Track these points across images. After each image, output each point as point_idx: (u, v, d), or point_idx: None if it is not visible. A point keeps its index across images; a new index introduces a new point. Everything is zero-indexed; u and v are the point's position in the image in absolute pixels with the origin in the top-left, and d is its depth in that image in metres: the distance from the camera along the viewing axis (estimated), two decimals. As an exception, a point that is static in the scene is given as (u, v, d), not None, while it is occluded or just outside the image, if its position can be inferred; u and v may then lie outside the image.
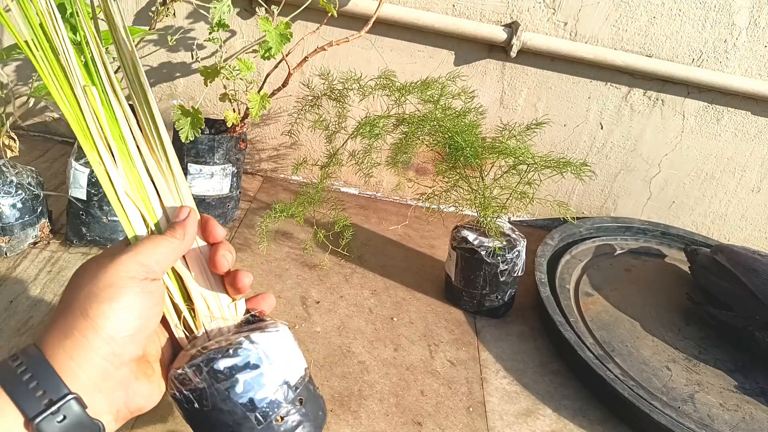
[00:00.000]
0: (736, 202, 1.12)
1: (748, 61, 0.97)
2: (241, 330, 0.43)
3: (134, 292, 0.37)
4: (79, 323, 0.35)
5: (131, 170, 0.42)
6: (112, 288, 0.36)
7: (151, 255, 0.38)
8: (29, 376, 0.33)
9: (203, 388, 0.37)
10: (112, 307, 0.35)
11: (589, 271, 0.97)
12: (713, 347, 0.85)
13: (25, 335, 0.65)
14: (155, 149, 0.43)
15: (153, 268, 0.38)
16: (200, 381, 0.38)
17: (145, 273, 0.38)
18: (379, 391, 0.68)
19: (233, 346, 0.39)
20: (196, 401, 0.38)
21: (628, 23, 0.95)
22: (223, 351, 0.38)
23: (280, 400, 0.39)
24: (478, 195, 0.79)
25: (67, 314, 0.36)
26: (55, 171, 0.99)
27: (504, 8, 0.95)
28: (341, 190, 1.14)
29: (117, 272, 0.36)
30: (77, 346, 0.34)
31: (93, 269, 0.37)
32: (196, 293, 0.43)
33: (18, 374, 0.33)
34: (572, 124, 1.06)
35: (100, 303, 0.35)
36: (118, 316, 0.36)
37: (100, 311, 0.35)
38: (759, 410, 0.75)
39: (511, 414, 0.69)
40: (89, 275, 0.37)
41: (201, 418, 0.38)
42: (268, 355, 0.39)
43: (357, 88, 0.85)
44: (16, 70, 1.04)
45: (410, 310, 0.83)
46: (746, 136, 1.05)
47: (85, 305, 0.35)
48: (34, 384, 0.33)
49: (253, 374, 0.38)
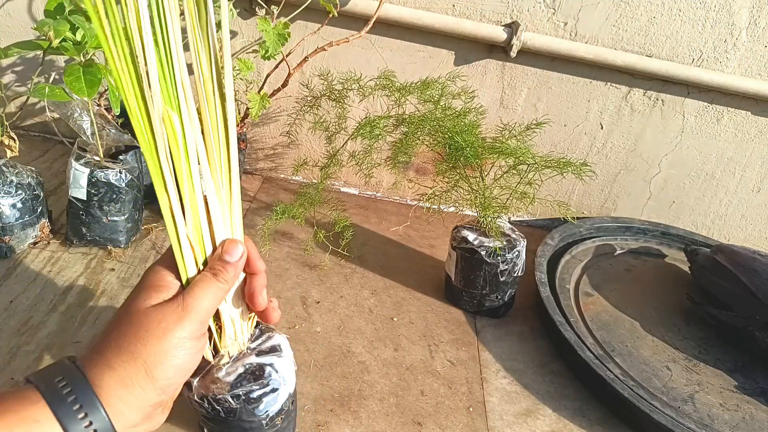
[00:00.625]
0: (737, 202, 1.12)
1: (748, 61, 0.97)
2: (257, 349, 0.48)
3: (191, 349, 0.40)
4: (140, 378, 0.38)
5: (195, 211, 0.42)
6: (176, 350, 0.39)
7: (205, 307, 0.41)
8: (83, 415, 0.35)
9: (236, 408, 0.45)
10: (173, 366, 0.39)
11: (589, 271, 0.97)
12: (713, 347, 0.85)
13: (25, 335, 0.65)
14: (222, 179, 0.43)
15: (206, 320, 0.41)
16: (236, 404, 0.45)
17: (201, 329, 0.41)
18: (379, 391, 0.68)
19: (265, 378, 0.47)
20: (224, 413, 0.45)
21: (628, 23, 0.95)
22: (258, 382, 0.46)
23: (285, 408, 0.49)
24: (479, 195, 0.79)
25: (128, 362, 0.38)
26: (55, 171, 0.99)
27: (504, 8, 0.95)
28: (341, 190, 1.14)
29: (182, 334, 0.39)
30: (132, 395, 0.37)
31: (156, 321, 0.39)
32: (227, 316, 0.46)
33: (73, 411, 0.35)
34: (572, 124, 1.06)
35: (165, 366, 0.38)
36: (175, 373, 0.39)
37: (164, 372, 0.38)
38: (759, 410, 0.75)
39: (511, 414, 0.69)
40: (155, 328, 0.39)
41: (222, 424, 0.47)
42: (285, 379, 0.48)
43: (357, 89, 0.85)
44: (16, 70, 1.04)
45: (410, 310, 0.83)
46: (746, 136, 1.05)
47: (150, 363, 0.38)
48: (88, 423, 0.35)
49: (274, 395, 0.47)
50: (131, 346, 0.39)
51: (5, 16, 1.00)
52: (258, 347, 0.48)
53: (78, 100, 0.73)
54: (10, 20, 1.00)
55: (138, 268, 0.80)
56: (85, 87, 0.64)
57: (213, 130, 0.42)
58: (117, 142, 0.80)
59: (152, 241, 0.86)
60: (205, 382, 0.46)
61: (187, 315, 0.40)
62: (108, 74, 0.38)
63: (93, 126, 0.75)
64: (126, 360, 0.38)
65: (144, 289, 0.42)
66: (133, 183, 0.79)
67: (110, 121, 0.79)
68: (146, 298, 0.41)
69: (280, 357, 0.48)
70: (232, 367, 0.46)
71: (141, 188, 0.82)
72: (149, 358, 0.38)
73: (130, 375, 0.38)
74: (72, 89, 0.64)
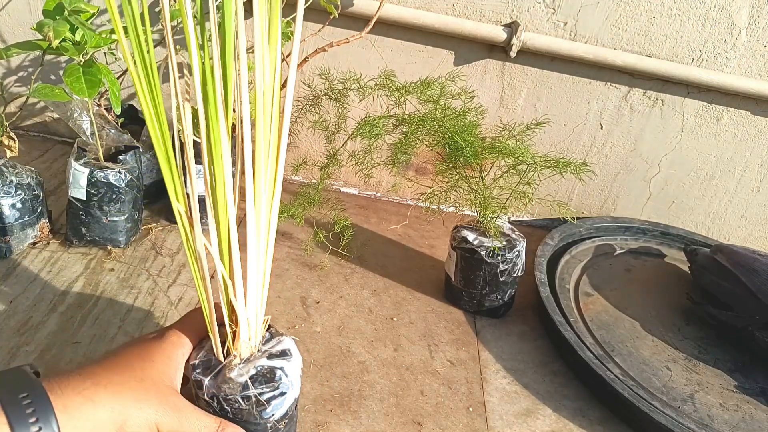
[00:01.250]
0: (736, 202, 1.12)
1: (748, 60, 0.97)
2: (267, 352, 0.49)
3: None
4: None
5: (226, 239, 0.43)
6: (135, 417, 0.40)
7: (185, 427, 0.43)
8: None
9: (245, 410, 0.45)
10: None
11: (589, 271, 0.97)
12: (713, 347, 0.85)
13: (25, 335, 0.65)
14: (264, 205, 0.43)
15: None
16: (245, 405, 0.45)
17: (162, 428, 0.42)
18: (379, 391, 0.68)
19: (276, 382, 0.47)
20: (231, 414, 0.45)
21: (628, 23, 0.95)
22: (269, 385, 0.46)
23: (289, 412, 0.48)
24: (478, 195, 0.79)
25: None
26: (55, 171, 0.99)
27: (504, 8, 0.95)
28: (341, 190, 1.14)
29: (152, 414, 0.41)
30: None
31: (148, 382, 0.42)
32: (243, 318, 0.46)
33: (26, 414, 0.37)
34: (572, 124, 1.06)
35: None
36: None
37: None
38: (759, 410, 0.75)
39: (511, 414, 0.69)
40: None
41: None
42: (293, 383, 0.48)
43: (357, 89, 0.85)
44: (16, 70, 1.04)
45: (410, 310, 0.83)
46: (746, 136, 1.05)
47: None
48: None
49: (282, 399, 0.47)
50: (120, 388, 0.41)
51: (5, 16, 1.00)
52: (269, 350, 0.49)
53: (78, 100, 0.73)
54: (10, 20, 1.00)
55: (137, 268, 0.80)
56: (86, 87, 0.64)
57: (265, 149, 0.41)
58: (117, 142, 0.80)
59: (152, 241, 0.86)
60: (217, 381, 0.46)
61: (178, 418, 0.42)
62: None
63: (93, 126, 0.75)
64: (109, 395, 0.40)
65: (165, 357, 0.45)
66: (133, 183, 0.79)
67: (110, 122, 0.79)
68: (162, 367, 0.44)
69: (289, 361, 0.49)
70: (244, 368, 0.46)
71: (141, 188, 0.82)
72: (128, 404, 0.40)
73: None
74: (72, 89, 0.64)
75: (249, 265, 0.44)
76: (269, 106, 0.40)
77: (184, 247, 0.43)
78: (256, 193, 0.42)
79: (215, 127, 0.38)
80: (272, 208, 0.44)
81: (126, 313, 0.72)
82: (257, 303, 0.47)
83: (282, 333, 0.51)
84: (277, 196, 0.44)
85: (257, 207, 0.43)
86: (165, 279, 0.79)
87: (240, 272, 0.44)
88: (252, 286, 0.45)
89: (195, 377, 0.47)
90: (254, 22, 0.37)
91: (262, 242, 0.45)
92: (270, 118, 0.40)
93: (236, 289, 0.44)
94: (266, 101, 0.39)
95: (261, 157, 0.41)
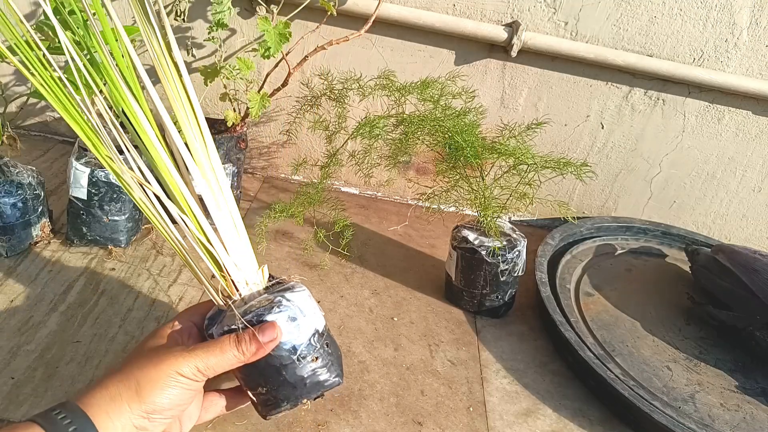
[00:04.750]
0: (737, 202, 1.12)
1: (749, 60, 0.97)
2: (272, 292, 0.49)
3: (186, 386, 0.43)
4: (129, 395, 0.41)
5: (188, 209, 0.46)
6: (169, 379, 0.42)
7: (212, 363, 0.43)
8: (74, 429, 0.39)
9: None
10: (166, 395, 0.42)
11: (590, 270, 0.97)
12: (714, 347, 0.85)
13: (25, 334, 0.65)
14: None
15: (207, 373, 0.44)
16: None
17: (199, 376, 0.43)
18: (380, 391, 0.68)
19: (274, 304, 0.46)
20: None
21: (629, 23, 0.95)
22: (268, 308, 0.46)
23: (314, 344, 0.48)
24: (479, 195, 0.79)
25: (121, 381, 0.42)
26: (56, 170, 0.99)
27: (504, 8, 0.95)
28: (341, 189, 1.14)
29: (178, 369, 0.42)
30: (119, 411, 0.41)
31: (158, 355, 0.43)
32: (230, 263, 0.47)
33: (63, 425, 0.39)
34: (573, 124, 1.06)
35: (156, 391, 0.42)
36: (166, 402, 0.42)
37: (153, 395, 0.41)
38: (760, 410, 0.74)
39: (512, 414, 0.69)
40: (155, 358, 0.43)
41: (252, 363, 0.46)
42: (302, 309, 0.47)
43: (357, 88, 0.85)
44: (17, 70, 1.04)
45: (410, 310, 0.83)
46: (747, 135, 1.05)
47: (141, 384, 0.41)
48: None
49: (293, 325, 0.46)
50: (127, 368, 0.42)
51: (6, 16, 1.00)
52: (271, 289, 0.50)
53: (78, 99, 0.73)
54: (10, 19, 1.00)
55: (138, 267, 0.80)
56: (86, 87, 0.64)
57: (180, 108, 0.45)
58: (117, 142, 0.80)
59: (152, 240, 0.86)
60: (222, 326, 0.47)
61: (190, 356, 0.43)
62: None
63: (93, 126, 0.75)
64: (120, 379, 0.42)
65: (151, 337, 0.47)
66: (134, 183, 0.79)
67: (110, 121, 0.79)
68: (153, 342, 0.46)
69: (292, 291, 0.48)
70: (244, 306, 0.47)
71: (141, 188, 0.82)
72: (142, 379, 0.41)
73: (120, 391, 0.41)
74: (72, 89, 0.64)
75: (209, 206, 0.47)
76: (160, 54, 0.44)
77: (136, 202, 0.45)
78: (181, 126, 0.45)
79: None
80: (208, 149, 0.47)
81: (126, 313, 0.72)
82: (237, 245, 0.48)
83: (291, 281, 0.51)
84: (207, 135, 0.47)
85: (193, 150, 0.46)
86: (165, 278, 0.79)
87: (204, 219, 0.47)
88: (223, 227, 0.47)
89: (207, 332, 0.48)
90: None
91: (213, 181, 0.47)
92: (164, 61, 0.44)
93: (208, 236, 0.46)
94: None
95: None
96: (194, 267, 0.48)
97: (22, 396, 0.58)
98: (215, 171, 0.47)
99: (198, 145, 0.46)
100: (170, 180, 0.45)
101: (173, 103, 0.45)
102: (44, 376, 0.61)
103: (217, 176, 0.48)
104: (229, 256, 0.48)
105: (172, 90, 0.45)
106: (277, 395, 0.48)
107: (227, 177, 0.89)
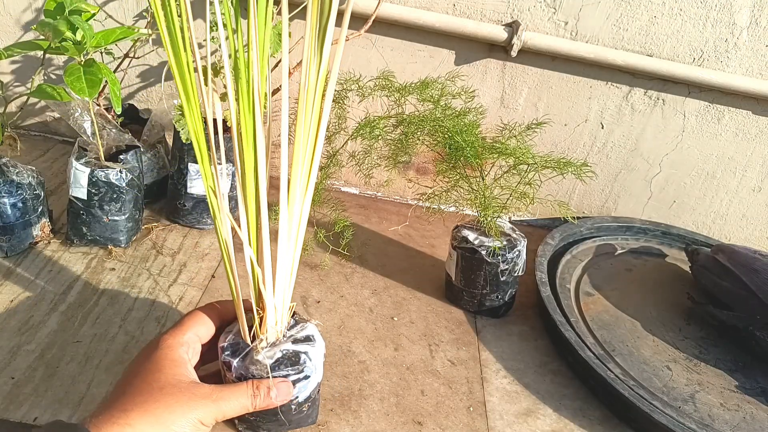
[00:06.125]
0: (737, 202, 1.12)
1: (749, 60, 0.97)
2: (292, 337, 0.51)
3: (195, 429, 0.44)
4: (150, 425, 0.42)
5: None
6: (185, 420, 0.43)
7: (226, 410, 0.45)
8: None
9: None
10: None
11: (590, 270, 0.97)
12: (714, 347, 0.85)
13: (25, 334, 0.65)
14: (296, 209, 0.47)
15: (219, 417, 0.45)
16: None
17: (212, 421, 0.45)
18: (380, 391, 0.68)
19: (300, 365, 0.50)
20: None
21: (629, 23, 0.95)
22: (294, 368, 0.49)
23: (313, 395, 0.52)
24: (479, 195, 0.79)
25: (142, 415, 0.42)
26: (56, 170, 0.99)
27: (504, 8, 0.95)
28: (341, 189, 1.14)
29: (198, 415, 0.44)
30: None
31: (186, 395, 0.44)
32: (271, 303, 0.48)
33: None
34: (573, 124, 1.06)
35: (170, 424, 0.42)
36: None
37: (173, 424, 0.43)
38: (760, 410, 0.74)
39: (512, 414, 0.69)
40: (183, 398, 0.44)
41: None
42: (316, 367, 0.51)
43: (356, 89, 0.85)
44: (16, 70, 1.04)
45: (411, 310, 0.83)
46: (747, 135, 1.05)
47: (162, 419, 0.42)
48: None
49: (306, 382, 0.50)
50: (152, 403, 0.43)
51: (5, 16, 1.00)
52: (294, 335, 0.51)
53: (78, 99, 0.73)
54: (10, 20, 1.00)
55: (138, 267, 0.80)
56: (86, 87, 0.64)
57: (303, 149, 0.43)
58: (117, 142, 0.80)
59: (153, 240, 0.86)
60: (245, 363, 0.48)
61: (215, 406, 0.44)
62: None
63: (93, 126, 0.76)
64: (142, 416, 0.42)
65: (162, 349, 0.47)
66: (134, 182, 0.79)
67: (111, 121, 0.79)
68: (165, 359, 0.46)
69: (313, 347, 0.51)
70: (270, 351, 0.49)
71: (141, 188, 0.82)
72: (167, 420, 0.42)
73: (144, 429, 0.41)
74: (73, 89, 0.64)
75: (279, 251, 0.46)
76: (311, 96, 0.42)
77: (216, 232, 0.45)
78: (291, 180, 0.44)
79: (247, 113, 0.40)
80: (306, 197, 0.46)
81: (127, 313, 0.72)
82: (285, 290, 0.48)
83: (306, 319, 0.54)
84: (312, 184, 0.46)
85: (291, 194, 0.45)
86: (166, 278, 0.79)
87: (269, 259, 0.46)
88: (281, 273, 0.47)
89: (224, 359, 0.49)
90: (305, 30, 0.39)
91: (293, 229, 0.46)
92: (312, 107, 0.43)
93: (265, 276, 0.46)
94: (309, 92, 0.43)
95: (300, 144, 0.43)
96: (238, 299, 0.49)
97: (23, 396, 0.58)
98: (304, 204, 0.47)
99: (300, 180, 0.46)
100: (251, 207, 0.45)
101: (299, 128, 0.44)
102: (44, 375, 0.61)
103: (302, 212, 0.47)
104: (273, 297, 0.48)
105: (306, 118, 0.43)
106: (263, 426, 0.52)
107: (228, 177, 0.89)
